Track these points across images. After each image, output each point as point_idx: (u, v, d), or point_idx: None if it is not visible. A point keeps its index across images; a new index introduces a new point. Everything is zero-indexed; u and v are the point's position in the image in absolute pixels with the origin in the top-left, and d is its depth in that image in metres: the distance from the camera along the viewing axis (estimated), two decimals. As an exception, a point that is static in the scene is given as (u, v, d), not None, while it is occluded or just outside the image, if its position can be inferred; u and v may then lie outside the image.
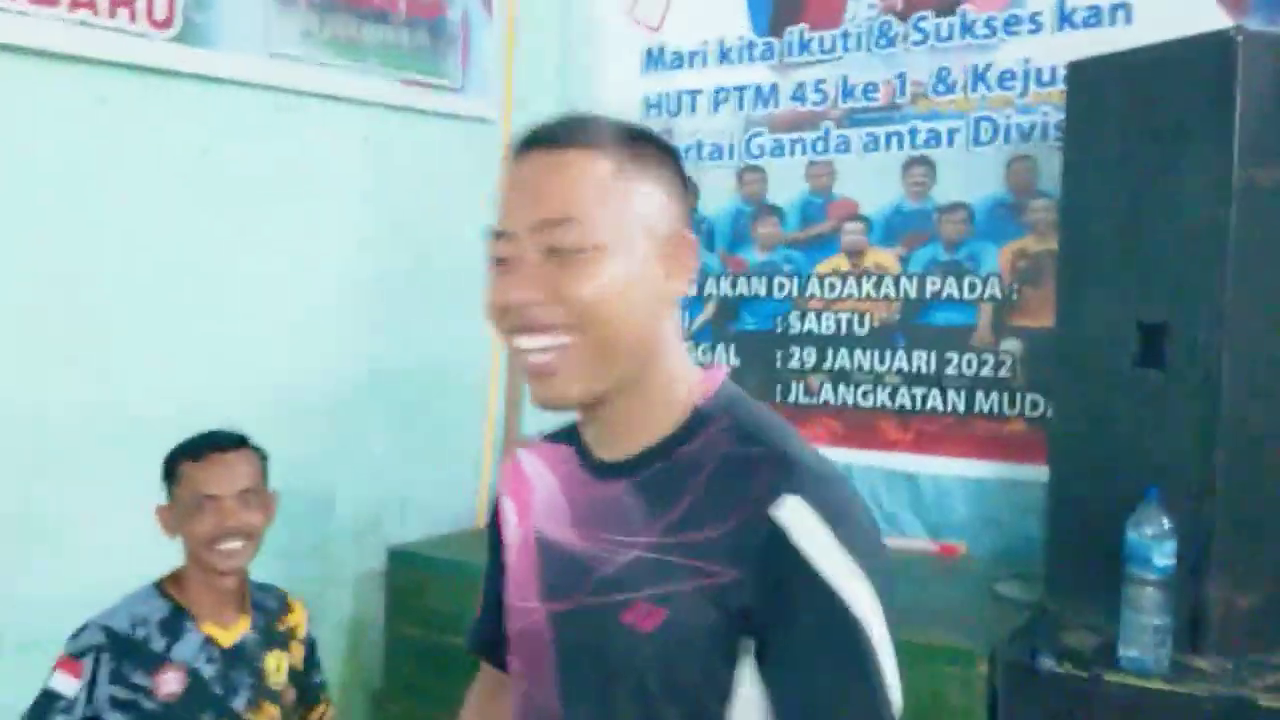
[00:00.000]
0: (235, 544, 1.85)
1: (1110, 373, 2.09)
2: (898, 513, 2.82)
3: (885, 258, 2.83)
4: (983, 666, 2.08)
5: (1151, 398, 2.02)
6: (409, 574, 2.77)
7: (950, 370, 2.74)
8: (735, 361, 3.02)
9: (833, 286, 2.90)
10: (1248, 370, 1.94)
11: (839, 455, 2.87)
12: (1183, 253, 1.98)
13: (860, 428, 2.87)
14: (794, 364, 2.95)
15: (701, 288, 3.08)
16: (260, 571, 1.98)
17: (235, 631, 1.91)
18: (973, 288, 2.71)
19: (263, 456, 1.94)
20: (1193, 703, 1.89)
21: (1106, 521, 1.96)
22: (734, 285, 3.04)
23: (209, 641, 1.87)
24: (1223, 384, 1.93)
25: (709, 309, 3.08)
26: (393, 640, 2.80)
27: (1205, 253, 1.93)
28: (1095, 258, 2.15)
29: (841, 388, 2.89)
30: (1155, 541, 1.91)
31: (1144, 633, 1.93)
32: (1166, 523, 1.90)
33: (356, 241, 2.75)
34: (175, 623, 1.85)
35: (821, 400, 2.91)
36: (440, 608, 2.68)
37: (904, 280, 2.79)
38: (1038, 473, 2.34)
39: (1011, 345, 2.67)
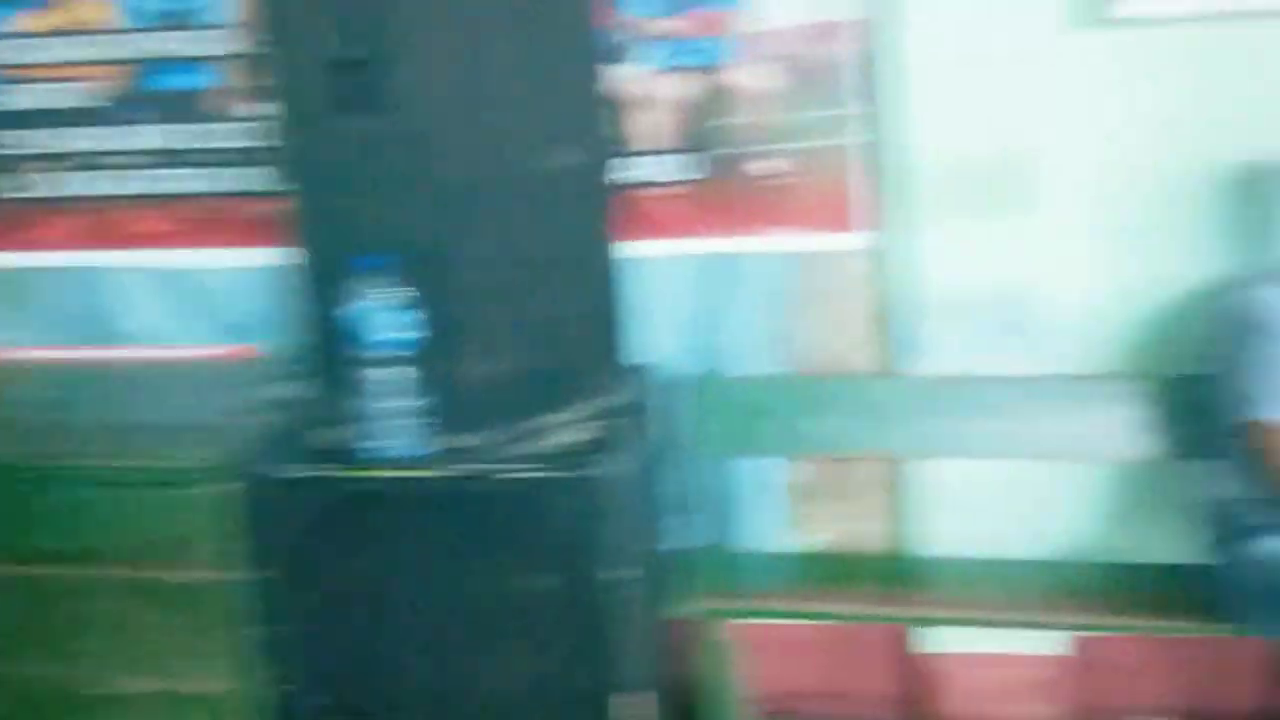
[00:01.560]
0: None
1: (315, 127, 1.76)
2: (170, 321, 2.37)
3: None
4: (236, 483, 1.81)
5: (363, 150, 1.72)
6: None
7: (194, 143, 2.29)
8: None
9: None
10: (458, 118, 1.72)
11: (89, 260, 2.37)
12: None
13: (110, 223, 2.36)
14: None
15: None
16: None
17: None
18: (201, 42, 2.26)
19: None
20: (438, 485, 1.75)
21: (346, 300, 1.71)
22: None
23: None
24: (430, 131, 1.69)
25: None
26: None
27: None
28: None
29: (87, 175, 2.34)
30: (383, 317, 1.69)
31: (383, 419, 1.74)
32: (395, 295, 1.68)
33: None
34: None
35: (64, 195, 2.36)
36: None
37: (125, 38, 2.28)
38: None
39: (261, 109, 2.28)
